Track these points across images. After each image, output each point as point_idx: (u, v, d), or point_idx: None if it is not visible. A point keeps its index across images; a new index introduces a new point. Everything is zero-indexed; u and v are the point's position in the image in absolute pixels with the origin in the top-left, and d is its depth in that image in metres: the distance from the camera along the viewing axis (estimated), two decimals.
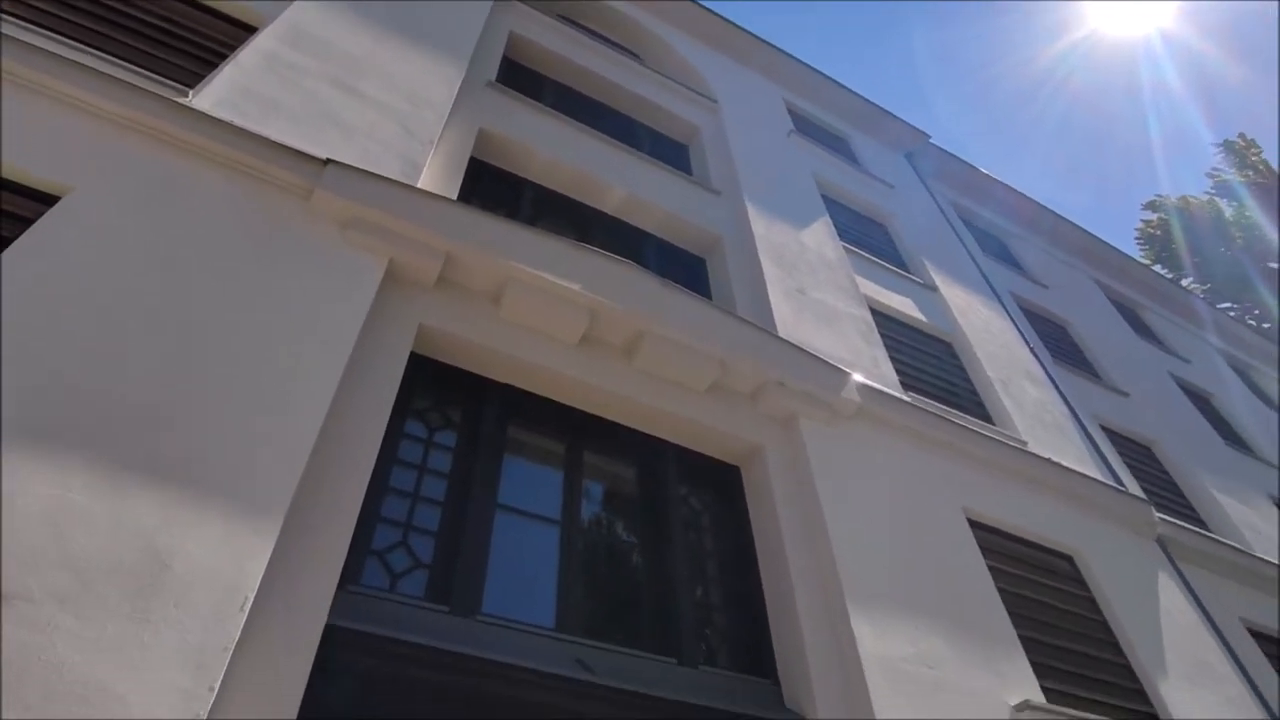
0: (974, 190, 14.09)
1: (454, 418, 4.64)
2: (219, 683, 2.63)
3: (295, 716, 2.79)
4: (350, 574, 3.50)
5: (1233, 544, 8.03)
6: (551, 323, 4.92)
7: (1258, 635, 7.07)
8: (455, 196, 5.67)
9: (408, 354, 4.31)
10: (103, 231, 3.71)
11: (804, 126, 11.90)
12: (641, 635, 4.16)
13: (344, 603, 3.29)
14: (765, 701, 4.01)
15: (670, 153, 9.10)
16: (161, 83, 4.69)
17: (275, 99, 5.09)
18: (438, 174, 5.79)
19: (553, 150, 7.03)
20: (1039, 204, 14.65)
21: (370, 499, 3.74)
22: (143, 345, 3.36)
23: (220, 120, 4.49)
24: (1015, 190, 14.52)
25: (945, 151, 13.94)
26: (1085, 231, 15.08)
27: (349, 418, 3.74)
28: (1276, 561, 8.18)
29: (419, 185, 5.17)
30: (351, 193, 4.50)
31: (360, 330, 3.99)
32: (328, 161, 4.58)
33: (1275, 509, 9.88)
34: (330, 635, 3.09)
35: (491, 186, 6.66)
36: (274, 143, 4.54)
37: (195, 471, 3.07)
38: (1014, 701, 4.42)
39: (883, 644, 4.21)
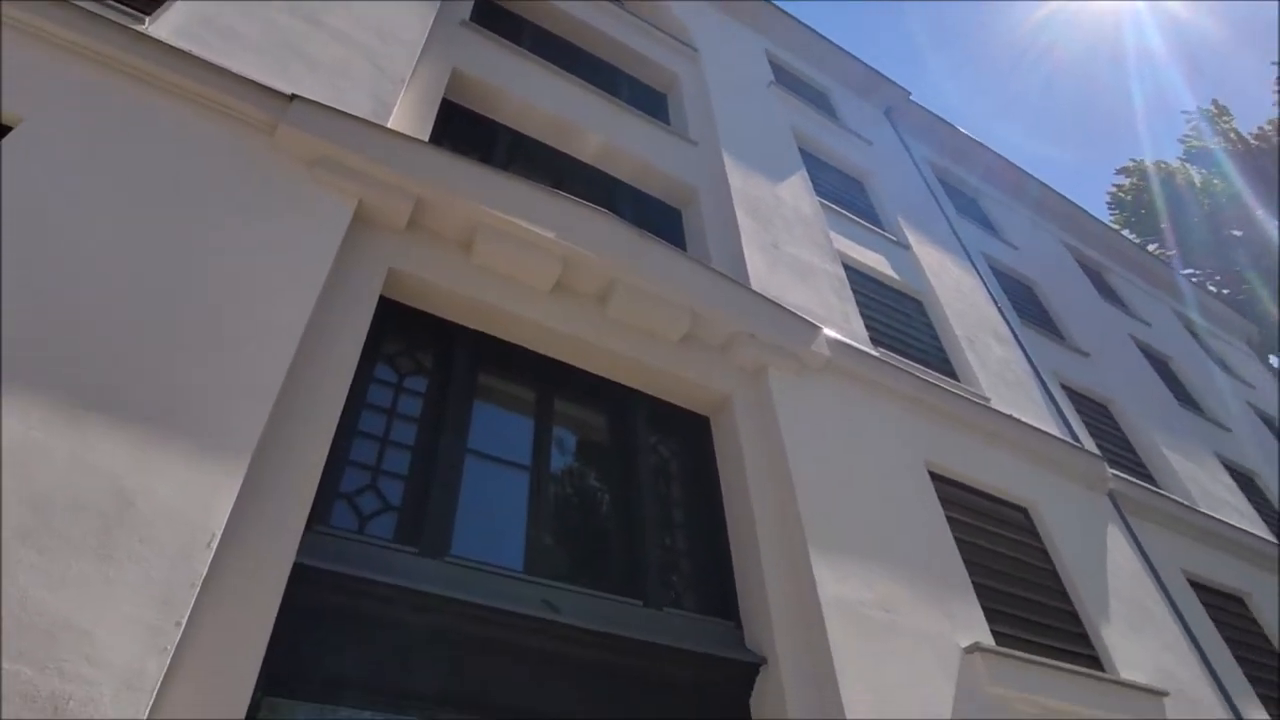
0: (952, 150, 14.09)
1: (424, 363, 4.62)
2: (186, 618, 2.65)
3: (264, 652, 2.83)
4: (319, 515, 3.51)
5: (1179, 499, 8.37)
6: (524, 270, 4.88)
7: (1196, 585, 7.43)
8: (426, 138, 5.54)
9: (377, 297, 4.25)
10: (58, 164, 3.58)
11: (784, 79, 11.74)
12: (609, 578, 4.25)
13: (312, 543, 3.30)
14: (728, 642, 4.14)
15: (648, 101, 8.94)
16: (116, 8, 4.47)
17: (236, 29, 4.88)
18: (408, 114, 5.63)
19: (528, 94, 6.87)
20: (1015, 166, 14.72)
21: (339, 442, 3.74)
22: (101, 282, 3.28)
23: (179, 50, 4.31)
24: (992, 151, 14.56)
25: (925, 110, 13.87)
26: (1058, 194, 15.22)
27: (317, 359, 3.70)
28: (1220, 518, 8.56)
29: (389, 125, 5.04)
30: (318, 130, 4.38)
31: (329, 271, 3.92)
32: (293, 97, 4.44)
33: (1223, 467, 10.28)
34: (299, 574, 3.11)
35: (464, 129, 6.50)
36: (236, 75, 4.38)
37: (159, 409, 3.03)
38: (965, 644, 4.61)
39: (842, 588, 4.36)
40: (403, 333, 4.59)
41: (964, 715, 4.23)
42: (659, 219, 7.12)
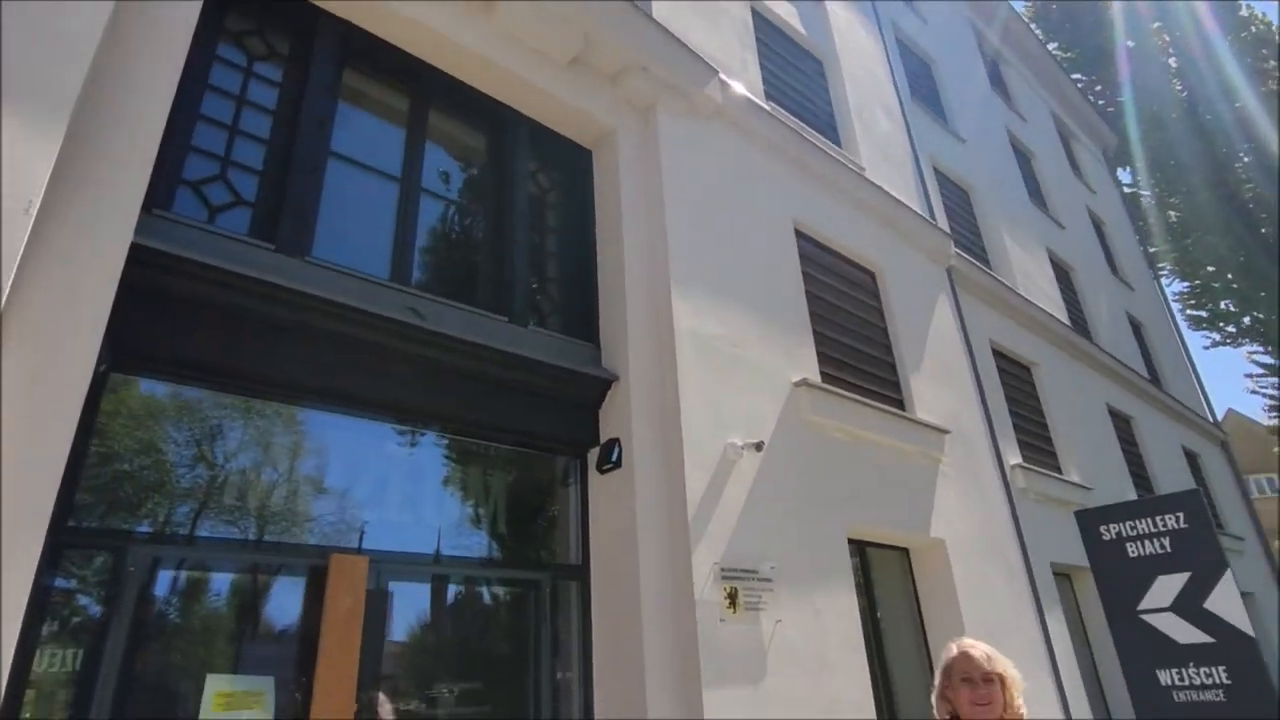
0: None
1: (280, 49, 4.10)
2: (8, 286, 2.49)
3: (104, 328, 2.74)
4: (160, 200, 3.27)
5: (1004, 281, 9.38)
6: None
7: (998, 354, 8.64)
8: None
9: None
10: None
11: None
12: (476, 294, 4.34)
13: (153, 225, 3.11)
14: (585, 360, 4.47)
15: None
16: None
17: None
18: None
19: None
20: None
21: (179, 124, 3.38)
22: None
23: None
24: None
25: None
26: None
27: (145, 18, 3.18)
28: (1033, 300, 9.73)
29: None
30: None
31: None
32: None
33: (1048, 260, 11.47)
34: (142, 255, 2.95)
35: None
36: None
37: None
38: (795, 379, 5.22)
39: (696, 321, 4.71)
40: (253, 9, 4.00)
41: (784, 435, 4.91)
42: None
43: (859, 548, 5.51)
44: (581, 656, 3.96)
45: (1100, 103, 24.58)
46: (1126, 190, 20.71)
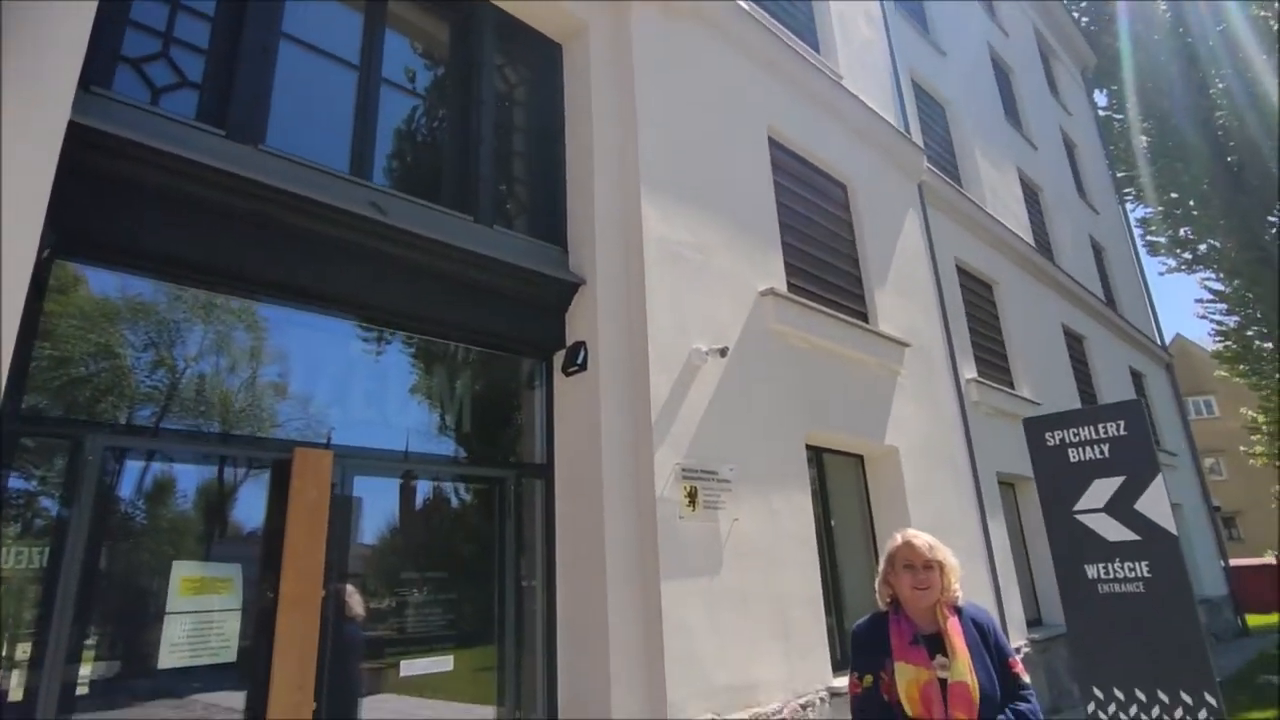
0: None
1: None
2: None
3: (44, 209, 2.61)
4: (97, 77, 3.07)
5: (973, 200, 9.39)
6: None
7: (962, 270, 8.75)
8: None
9: None
10: None
11: None
12: (440, 192, 4.22)
13: (92, 104, 2.93)
14: (552, 262, 4.41)
15: None
16: None
17: None
18: None
19: None
20: None
21: None
22: None
23: None
24: None
25: None
26: None
27: None
28: (1000, 220, 9.79)
29: None
30: None
31: None
32: None
33: (1018, 180, 11.47)
34: (83, 136, 2.79)
35: None
36: None
37: None
38: (761, 289, 5.24)
39: (665, 227, 4.66)
40: None
41: (748, 343, 4.97)
42: None
43: (816, 453, 5.70)
44: (545, 550, 4.10)
45: (1084, 20, 24.10)
46: (1101, 113, 20.57)
